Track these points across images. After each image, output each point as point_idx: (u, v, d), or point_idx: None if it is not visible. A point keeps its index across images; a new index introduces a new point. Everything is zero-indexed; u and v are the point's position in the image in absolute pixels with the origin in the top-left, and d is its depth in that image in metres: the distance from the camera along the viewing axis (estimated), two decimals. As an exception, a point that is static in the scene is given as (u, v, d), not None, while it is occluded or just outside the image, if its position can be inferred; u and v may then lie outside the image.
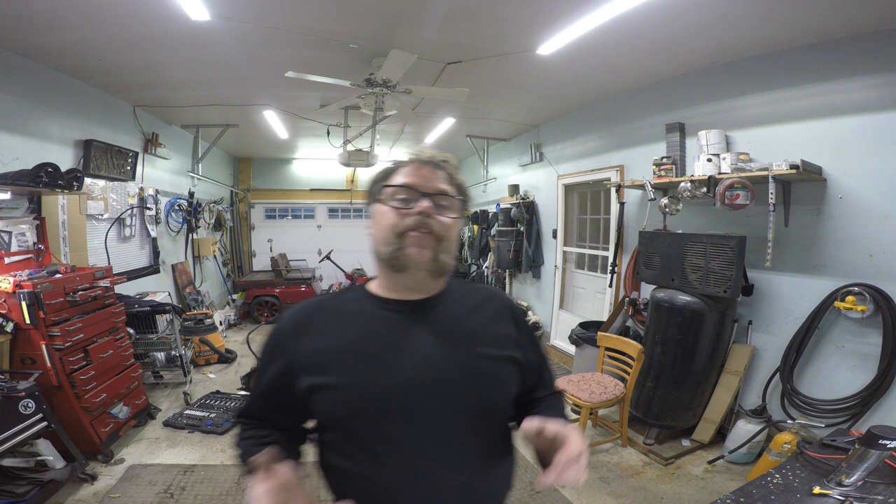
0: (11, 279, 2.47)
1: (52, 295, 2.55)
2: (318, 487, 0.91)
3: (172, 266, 5.34)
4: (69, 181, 2.81)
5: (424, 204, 0.80)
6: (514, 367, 0.88)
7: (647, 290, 3.59)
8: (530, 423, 0.74)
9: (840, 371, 2.60)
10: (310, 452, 0.91)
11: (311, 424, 0.90)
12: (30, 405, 2.24)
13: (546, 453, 0.76)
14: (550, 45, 2.94)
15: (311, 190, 8.45)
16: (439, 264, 0.81)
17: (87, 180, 3.59)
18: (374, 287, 0.90)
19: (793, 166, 2.51)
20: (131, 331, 3.36)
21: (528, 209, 5.66)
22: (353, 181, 8.51)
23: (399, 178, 0.85)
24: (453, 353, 0.81)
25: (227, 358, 4.77)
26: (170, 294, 4.74)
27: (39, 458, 2.35)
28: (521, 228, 5.68)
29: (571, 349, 4.21)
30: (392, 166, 0.89)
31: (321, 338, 0.83)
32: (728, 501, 1.26)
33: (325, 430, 0.85)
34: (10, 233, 2.86)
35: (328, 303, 0.90)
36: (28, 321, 2.46)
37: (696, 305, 2.86)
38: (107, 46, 2.97)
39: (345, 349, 0.81)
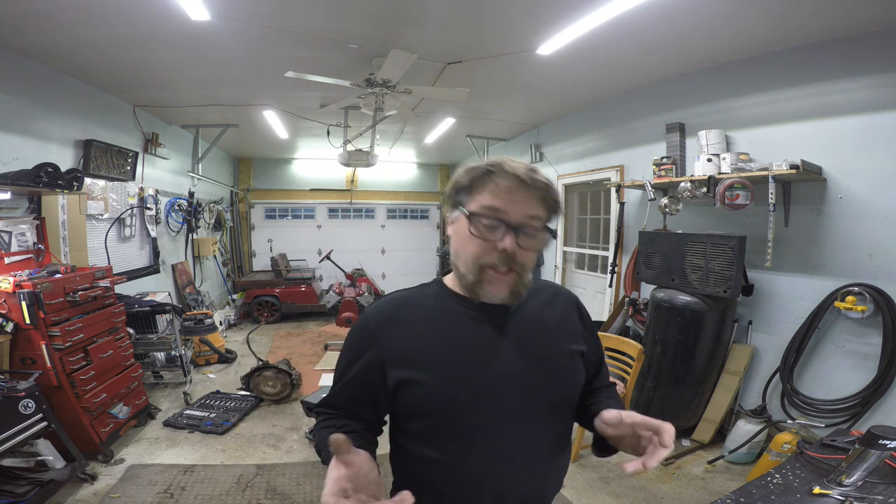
0: (11, 279, 2.47)
1: (52, 295, 2.55)
2: (387, 477, 0.91)
3: (172, 266, 5.34)
4: (69, 181, 2.81)
5: (509, 242, 0.77)
6: (582, 360, 0.93)
7: (647, 290, 3.60)
8: (610, 414, 0.79)
9: (840, 371, 2.60)
10: (381, 443, 0.93)
11: (386, 417, 0.93)
12: (30, 405, 2.24)
13: (621, 441, 0.81)
14: (550, 45, 2.94)
15: (311, 190, 8.45)
16: (516, 296, 0.83)
17: (87, 180, 3.59)
18: (452, 284, 0.90)
19: (793, 166, 2.51)
20: (131, 331, 3.36)
21: (528, 209, 5.65)
22: (353, 181, 8.51)
23: (487, 195, 0.79)
24: (533, 349, 0.86)
25: (227, 358, 4.77)
26: (170, 294, 4.74)
27: (39, 458, 2.35)
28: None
29: (571, 349, 4.20)
30: (481, 171, 0.80)
31: (411, 333, 0.85)
32: (728, 501, 1.26)
33: (410, 420, 0.86)
34: (10, 233, 2.86)
35: (413, 298, 0.91)
36: (28, 321, 2.46)
37: (696, 305, 2.86)
38: (107, 46, 2.97)
39: (436, 345, 0.84)
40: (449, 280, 0.92)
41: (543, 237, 0.81)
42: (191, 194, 5.66)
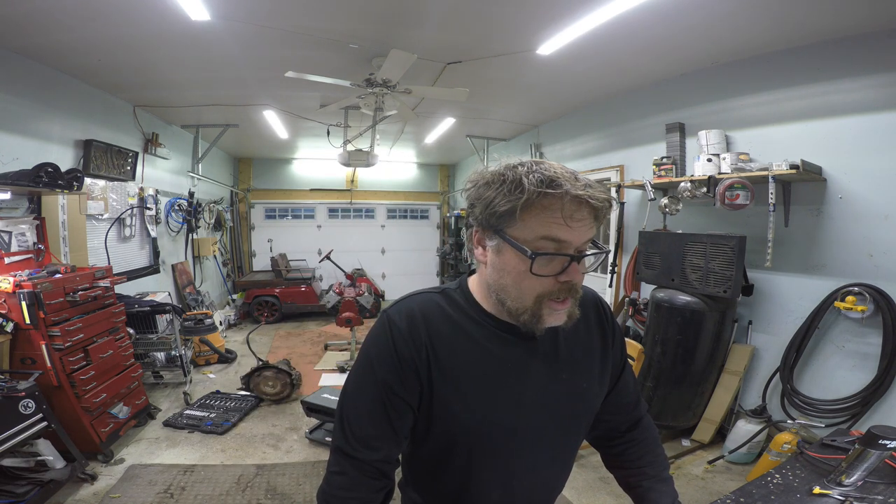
0: (11, 279, 2.47)
1: (52, 295, 2.55)
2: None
3: (172, 266, 5.34)
4: (69, 181, 2.81)
5: (576, 276, 0.69)
6: (605, 375, 0.90)
7: (647, 290, 3.59)
8: None
9: (840, 371, 2.60)
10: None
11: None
12: (30, 405, 2.24)
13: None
14: (550, 45, 2.94)
15: (311, 190, 8.45)
16: (572, 318, 0.74)
17: (87, 180, 3.59)
18: (481, 298, 0.80)
19: (793, 166, 2.51)
20: (131, 331, 3.36)
21: (528, 209, 5.65)
22: (353, 181, 8.51)
23: (544, 223, 0.66)
24: (561, 374, 0.82)
25: (227, 358, 4.77)
26: (170, 294, 4.74)
27: (39, 458, 2.35)
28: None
29: (571, 349, 4.20)
30: (533, 193, 0.65)
31: (441, 351, 0.76)
32: (728, 501, 1.26)
33: (428, 442, 0.82)
34: (10, 233, 2.86)
35: (441, 312, 0.79)
36: (28, 321, 2.46)
37: (696, 305, 2.86)
38: (107, 46, 2.97)
39: (467, 367, 0.77)
40: (476, 291, 0.81)
41: (600, 258, 0.74)
42: (191, 194, 5.66)
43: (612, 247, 4.17)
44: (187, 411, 3.42)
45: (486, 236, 0.73)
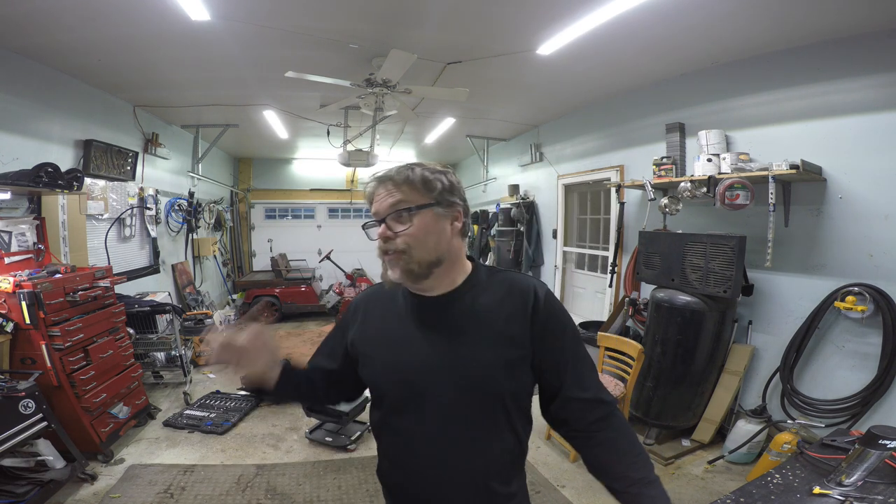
0: (11, 279, 2.47)
1: (52, 295, 2.55)
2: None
3: (172, 266, 5.34)
4: (69, 181, 2.81)
5: (380, 231, 0.92)
6: (516, 365, 0.93)
7: (647, 290, 3.59)
8: None
9: (840, 371, 2.60)
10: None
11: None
12: (30, 405, 2.24)
13: None
14: (550, 45, 2.94)
15: (311, 190, 8.45)
16: (413, 273, 0.91)
17: (87, 180, 3.59)
18: None
19: (793, 166, 2.51)
20: (131, 331, 3.36)
21: (528, 209, 5.66)
22: (353, 181, 8.51)
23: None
24: (459, 349, 0.92)
25: (227, 358, 4.76)
26: (170, 294, 4.74)
27: (39, 458, 2.35)
28: (521, 228, 5.68)
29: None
30: (368, 192, 0.97)
31: (374, 316, 1.03)
32: (728, 501, 1.26)
33: (370, 391, 1.04)
34: (10, 233, 2.86)
35: (382, 291, 1.04)
36: (28, 321, 2.46)
37: (696, 305, 2.86)
38: (107, 46, 2.97)
39: (383, 330, 1.00)
40: None
41: (413, 214, 0.90)
42: (191, 194, 5.66)
43: (612, 247, 4.17)
44: (187, 411, 3.42)
45: None
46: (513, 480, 0.98)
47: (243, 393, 3.77)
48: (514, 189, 6.00)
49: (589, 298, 4.97)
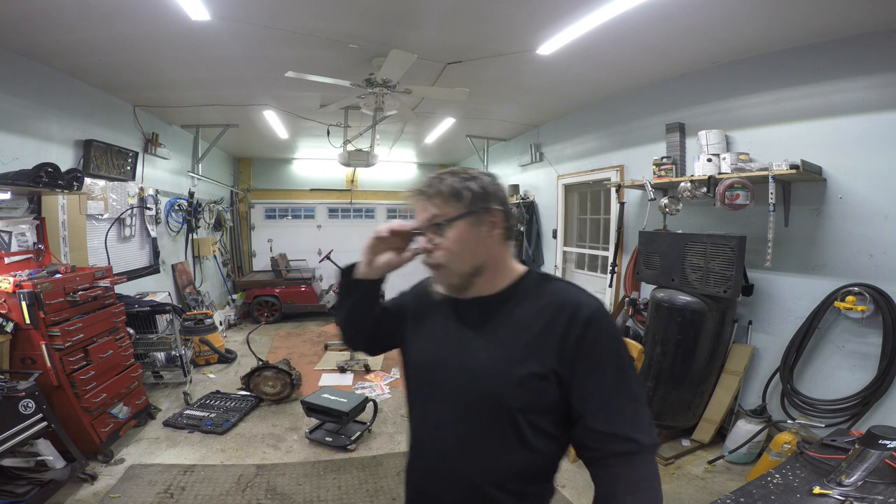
0: (11, 279, 2.47)
1: (52, 295, 2.55)
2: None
3: (172, 266, 5.34)
4: (69, 181, 2.81)
5: (421, 245, 0.94)
6: (535, 381, 0.86)
7: (647, 290, 3.60)
8: None
9: (840, 371, 2.60)
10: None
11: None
12: (30, 405, 2.24)
13: None
14: (550, 45, 2.94)
15: (311, 190, 8.45)
16: (455, 286, 0.94)
17: (87, 180, 3.59)
18: None
19: (793, 166, 2.51)
20: (131, 331, 3.36)
21: (528, 209, 5.66)
22: (353, 181, 8.50)
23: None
24: (479, 352, 0.92)
25: (227, 358, 4.77)
26: (170, 294, 4.74)
27: (39, 458, 2.35)
28: (521, 228, 5.68)
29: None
30: (412, 206, 0.99)
31: (425, 305, 1.06)
32: (728, 501, 1.26)
33: (403, 363, 1.09)
34: (10, 233, 2.86)
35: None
36: (28, 321, 2.46)
37: (696, 305, 2.86)
38: (107, 46, 2.97)
39: (426, 318, 1.04)
40: None
41: (452, 227, 0.90)
42: (191, 194, 5.67)
43: (612, 247, 4.17)
44: (187, 411, 3.42)
45: None
46: (526, 494, 0.92)
47: (243, 393, 3.78)
48: (515, 189, 6.01)
49: (589, 298, 4.96)
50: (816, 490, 1.28)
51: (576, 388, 0.86)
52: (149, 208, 4.66)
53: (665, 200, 3.25)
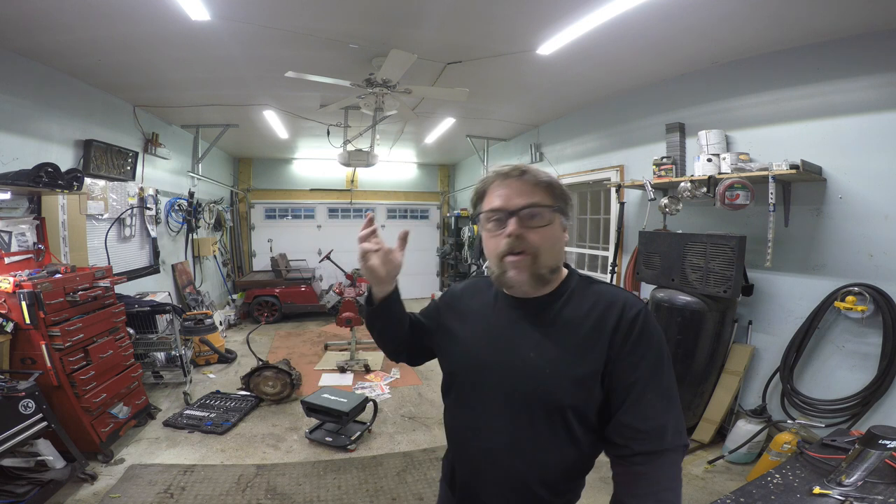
0: (11, 279, 2.47)
1: (52, 295, 2.55)
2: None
3: (172, 266, 5.34)
4: (69, 181, 2.81)
5: (511, 227, 0.88)
6: (585, 380, 0.88)
7: (647, 290, 3.59)
8: None
9: (840, 371, 2.60)
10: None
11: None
12: (30, 405, 2.24)
13: None
14: (550, 45, 2.94)
15: (311, 190, 8.45)
16: (538, 278, 0.90)
17: (87, 180, 3.59)
18: None
19: (793, 166, 2.51)
20: (131, 331, 3.36)
21: (528, 209, 5.65)
22: (353, 181, 8.50)
23: (487, 201, 0.93)
24: (529, 353, 0.92)
25: (227, 358, 4.77)
26: (170, 294, 4.74)
27: (39, 458, 2.35)
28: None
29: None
30: (482, 186, 0.96)
31: (467, 303, 1.07)
32: (728, 501, 1.26)
33: (445, 374, 1.08)
34: (10, 233, 2.86)
35: (473, 286, 1.10)
36: (28, 321, 2.46)
37: (696, 305, 2.86)
38: (107, 46, 2.97)
39: (473, 317, 1.03)
40: None
41: (549, 216, 0.89)
42: (191, 194, 5.67)
43: (612, 247, 4.17)
44: (187, 411, 3.42)
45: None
46: (566, 492, 0.96)
47: (243, 393, 3.78)
48: (515, 189, 5.99)
49: (589, 298, 4.96)
50: (816, 490, 1.28)
51: (615, 384, 0.87)
52: (149, 208, 4.66)
53: (665, 200, 3.25)
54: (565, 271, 0.98)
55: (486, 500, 0.98)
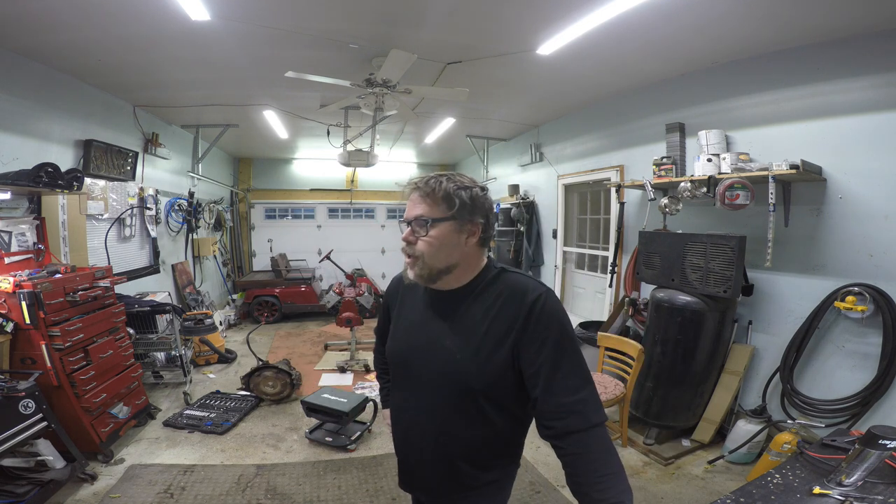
0: (11, 279, 2.47)
1: (52, 295, 2.55)
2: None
3: (172, 266, 5.34)
4: (69, 181, 2.81)
5: (404, 234, 1.03)
6: (495, 365, 0.98)
7: (647, 290, 3.60)
8: None
9: (840, 371, 2.60)
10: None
11: None
12: (30, 405, 2.24)
13: None
14: (550, 45, 2.94)
15: (311, 190, 8.45)
16: (424, 277, 1.03)
17: (87, 180, 3.59)
18: None
19: (793, 166, 2.51)
20: (131, 331, 3.36)
21: (528, 209, 5.66)
22: (353, 181, 8.50)
23: None
24: (445, 339, 1.03)
25: (227, 358, 4.77)
26: (170, 294, 4.74)
27: (39, 458, 2.35)
28: (521, 228, 5.68)
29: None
30: (406, 193, 1.08)
31: (404, 297, 1.18)
32: (728, 501, 1.26)
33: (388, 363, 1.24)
34: (10, 233, 2.86)
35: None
36: (28, 321, 2.46)
37: (696, 305, 2.86)
38: (107, 46, 2.97)
39: (405, 309, 1.16)
40: None
41: (429, 224, 0.99)
42: (191, 194, 5.67)
43: (612, 247, 4.17)
44: (187, 411, 3.42)
45: None
46: (491, 467, 1.07)
47: (243, 393, 3.78)
48: (514, 189, 6.00)
49: (589, 298, 4.97)
50: (816, 490, 1.28)
51: (525, 367, 0.97)
52: (149, 208, 4.66)
53: (665, 200, 3.26)
54: (482, 265, 1.07)
55: (417, 473, 1.14)
